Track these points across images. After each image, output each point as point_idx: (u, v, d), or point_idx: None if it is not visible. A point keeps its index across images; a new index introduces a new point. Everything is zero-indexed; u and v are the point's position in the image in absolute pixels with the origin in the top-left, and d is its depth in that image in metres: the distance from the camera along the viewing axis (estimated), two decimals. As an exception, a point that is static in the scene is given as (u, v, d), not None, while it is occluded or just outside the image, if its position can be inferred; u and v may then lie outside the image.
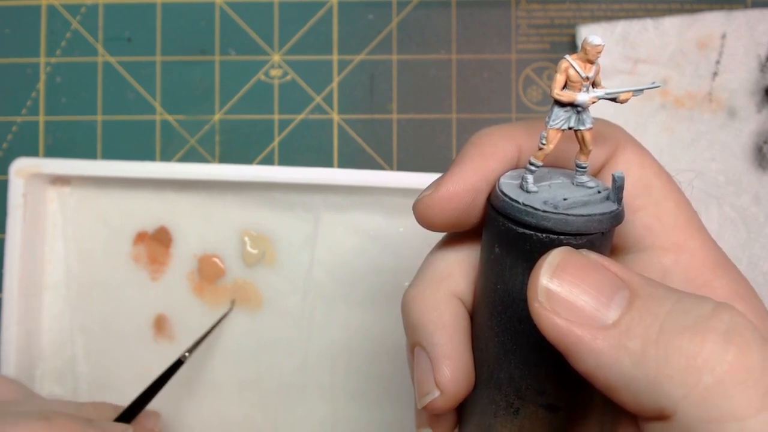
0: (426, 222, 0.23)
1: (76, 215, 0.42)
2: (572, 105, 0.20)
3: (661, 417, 0.17)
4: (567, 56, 0.20)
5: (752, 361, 0.16)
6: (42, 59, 0.44)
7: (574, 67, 0.20)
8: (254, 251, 0.42)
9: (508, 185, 0.21)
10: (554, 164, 0.23)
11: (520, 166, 0.23)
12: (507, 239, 0.21)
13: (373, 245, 0.41)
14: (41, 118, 0.44)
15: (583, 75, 0.20)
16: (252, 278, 0.42)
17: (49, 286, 0.42)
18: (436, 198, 0.22)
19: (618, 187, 0.20)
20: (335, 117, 0.44)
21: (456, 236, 0.24)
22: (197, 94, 0.44)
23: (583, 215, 0.20)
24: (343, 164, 0.43)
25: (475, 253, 0.24)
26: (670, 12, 0.43)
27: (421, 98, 0.43)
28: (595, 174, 0.23)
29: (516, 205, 0.20)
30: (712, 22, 0.42)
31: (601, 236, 0.20)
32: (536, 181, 0.21)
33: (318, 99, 0.44)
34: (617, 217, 0.20)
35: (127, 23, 0.44)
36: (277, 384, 0.42)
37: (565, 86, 0.20)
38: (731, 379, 0.16)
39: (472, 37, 0.44)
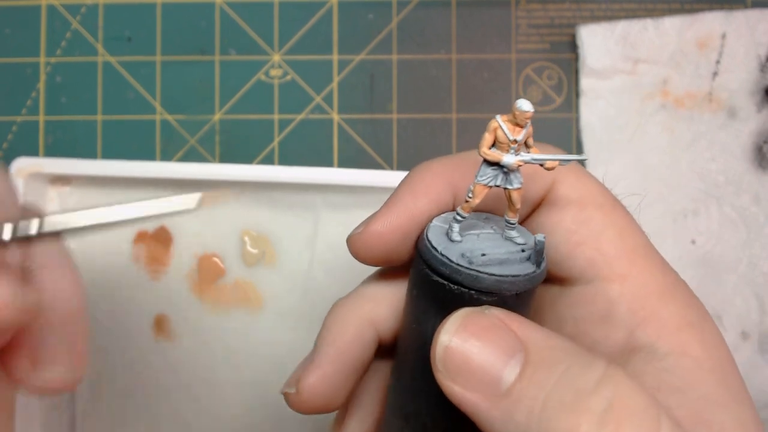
0: (358, 257, 0.23)
1: (76, 215, 0.42)
2: (499, 165, 0.21)
3: None
4: (497, 117, 0.20)
5: None
6: (42, 59, 0.44)
7: (502, 129, 0.20)
8: (254, 251, 0.42)
9: (437, 229, 0.22)
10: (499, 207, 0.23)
11: (458, 203, 0.23)
12: (424, 283, 0.21)
13: (373, 245, 0.41)
14: (41, 118, 0.44)
15: (511, 138, 0.20)
16: (252, 278, 0.42)
17: (49, 286, 0.42)
18: (365, 236, 0.23)
19: (538, 250, 0.20)
20: (335, 117, 0.44)
21: (392, 268, 0.24)
22: (197, 94, 0.44)
23: (494, 275, 0.20)
24: (343, 164, 0.43)
25: (405, 287, 0.24)
26: (670, 12, 0.43)
27: (421, 98, 0.43)
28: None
29: (434, 253, 0.20)
30: (712, 22, 0.42)
31: (515, 296, 0.20)
32: (467, 228, 0.21)
33: (318, 99, 0.44)
34: (532, 281, 0.20)
35: (127, 23, 0.44)
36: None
37: (494, 145, 0.20)
38: None
39: (472, 37, 0.44)
